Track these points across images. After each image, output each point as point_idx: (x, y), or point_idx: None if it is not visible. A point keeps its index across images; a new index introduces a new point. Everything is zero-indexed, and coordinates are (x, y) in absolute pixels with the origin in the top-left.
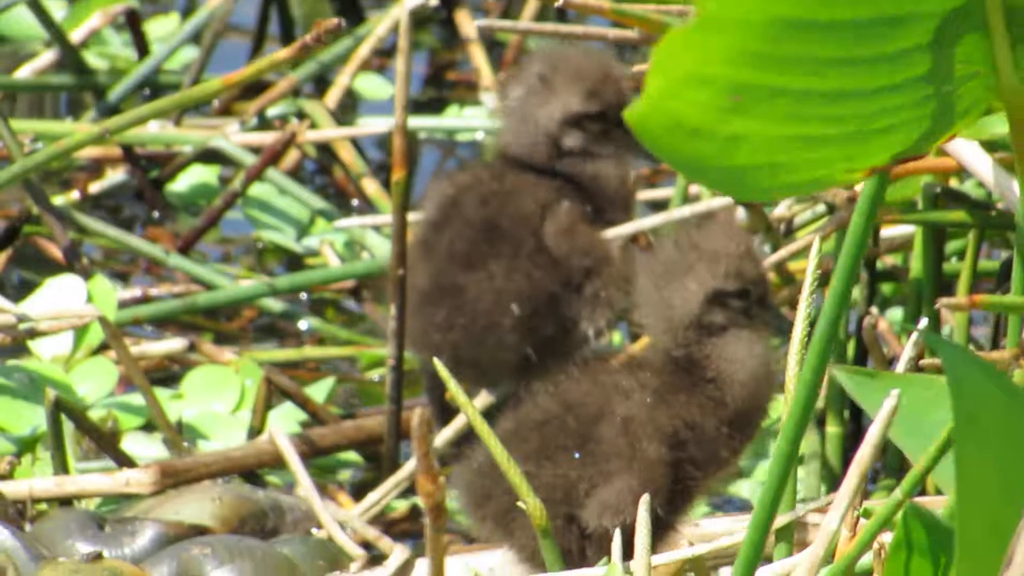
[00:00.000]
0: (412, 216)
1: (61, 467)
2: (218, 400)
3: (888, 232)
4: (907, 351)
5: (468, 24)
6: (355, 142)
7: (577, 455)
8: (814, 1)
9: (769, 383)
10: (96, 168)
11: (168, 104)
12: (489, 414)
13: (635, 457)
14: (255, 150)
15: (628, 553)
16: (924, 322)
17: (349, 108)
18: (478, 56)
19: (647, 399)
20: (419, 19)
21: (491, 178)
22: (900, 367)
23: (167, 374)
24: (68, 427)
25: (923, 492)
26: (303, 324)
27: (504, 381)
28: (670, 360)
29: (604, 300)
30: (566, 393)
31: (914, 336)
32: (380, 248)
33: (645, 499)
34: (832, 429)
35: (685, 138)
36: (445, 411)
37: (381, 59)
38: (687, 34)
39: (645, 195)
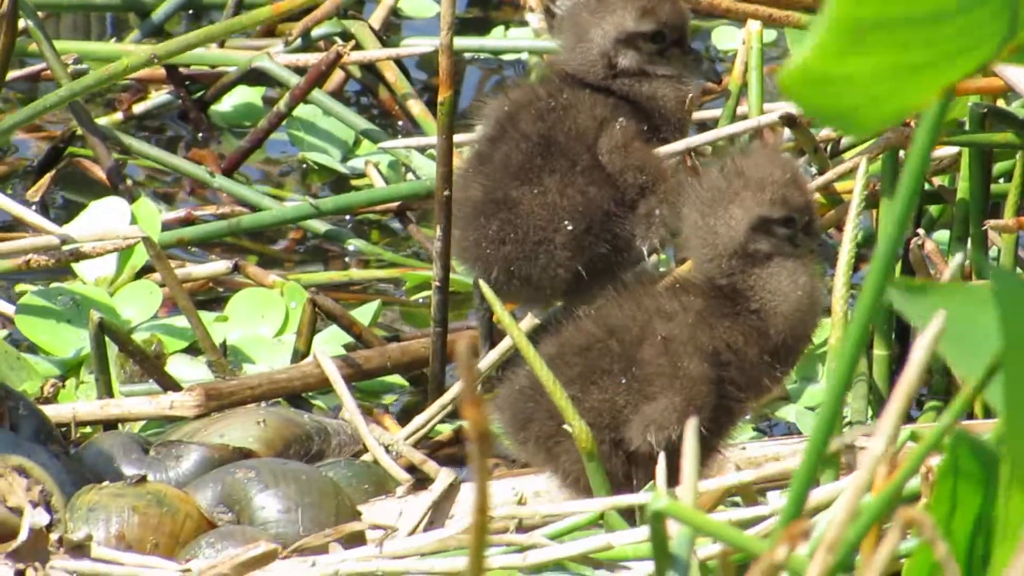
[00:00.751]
0: (457, 137)
1: (105, 390)
2: (263, 323)
3: (935, 153)
4: (948, 271)
5: None
6: (400, 62)
7: (623, 381)
8: None
9: (814, 314)
10: (140, 88)
11: (218, 30)
12: (536, 335)
13: (677, 375)
14: (299, 71)
15: (673, 477)
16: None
17: (394, 28)
18: None
19: (689, 320)
20: None
21: (548, 94)
22: None
23: (211, 296)
24: (112, 350)
25: (971, 415)
26: (349, 246)
27: (557, 298)
28: (714, 287)
29: (659, 218)
30: (608, 317)
31: (956, 258)
32: (425, 169)
33: (692, 421)
34: (879, 352)
35: (813, 86)
36: (493, 331)
37: None
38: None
39: (695, 115)
